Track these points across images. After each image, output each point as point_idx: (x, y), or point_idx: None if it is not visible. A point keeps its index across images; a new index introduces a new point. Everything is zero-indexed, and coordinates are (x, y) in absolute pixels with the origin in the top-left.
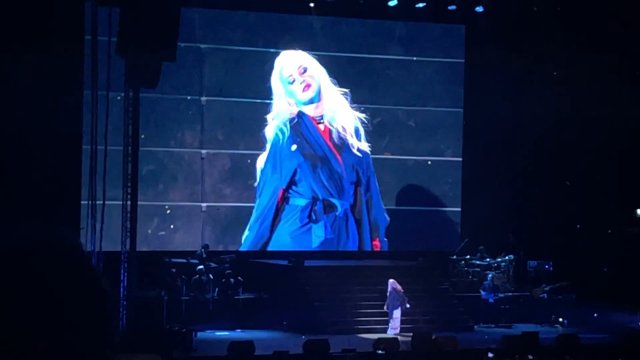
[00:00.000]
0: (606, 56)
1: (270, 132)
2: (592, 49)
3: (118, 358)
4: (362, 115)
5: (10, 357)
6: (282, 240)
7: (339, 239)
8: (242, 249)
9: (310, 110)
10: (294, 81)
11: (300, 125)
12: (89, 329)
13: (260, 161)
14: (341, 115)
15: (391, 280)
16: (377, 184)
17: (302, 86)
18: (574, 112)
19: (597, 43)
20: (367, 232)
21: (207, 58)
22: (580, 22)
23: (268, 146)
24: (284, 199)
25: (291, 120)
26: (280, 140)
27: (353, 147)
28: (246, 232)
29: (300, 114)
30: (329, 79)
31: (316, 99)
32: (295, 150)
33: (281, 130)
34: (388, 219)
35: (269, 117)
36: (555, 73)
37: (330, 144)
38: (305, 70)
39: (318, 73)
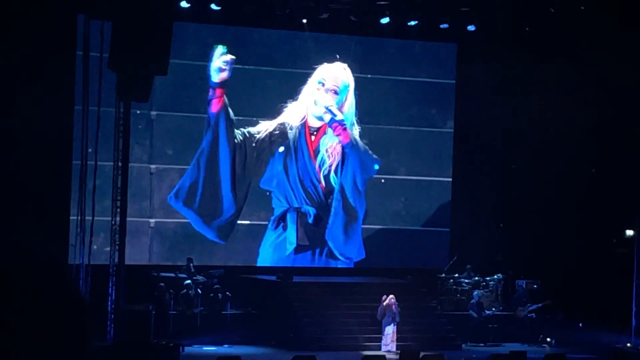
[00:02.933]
0: (598, 77)
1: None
2: (585, 69)
3: None
4: (358, 131)
5: None
6: (266, 251)
7: (313, 246)
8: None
9: (313, 121)
10: (323, 85)
11: (298, 130)
12: (66, 339)
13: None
14: (337, 135)
15: (390, 295)
16: (357, 201)
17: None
18: (564, 133)
19: (589, 63)
20: (338, 243)
21: None
22: (572, 41)
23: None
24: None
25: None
26: (273, 137)
27: (359, 152)
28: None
29: (303, 123)
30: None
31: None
32: (281, 152)
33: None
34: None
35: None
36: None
37: (313, 155)
38: (336, 92)
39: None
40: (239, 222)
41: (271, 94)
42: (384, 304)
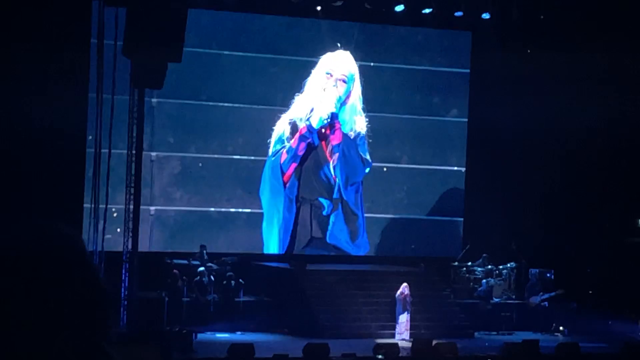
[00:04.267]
0: (615, 67)
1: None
2: (600, 58)
3: (115, 351)
4: (366, 124)
5: (10, 349)
6: (276, 242)
7: (327, 238)
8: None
9: (322, 112)
10: (331, 75)
11: (307, 123)
12: (86, 322)
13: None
14: (346, 127)
15: (404, 284)
16: (355, 198)
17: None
18: (578, 121)
19: (605, 52)
20: (350, 232)
21: None
22: (588, 30)
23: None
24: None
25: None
26: (290, 138)
27: (349, 154)
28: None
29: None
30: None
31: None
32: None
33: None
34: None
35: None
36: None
37: (325, 146)
38: (344, 82)
39: (350, 93)
40: (240, 210)
41: (273, 82)
42: (403, 294)
